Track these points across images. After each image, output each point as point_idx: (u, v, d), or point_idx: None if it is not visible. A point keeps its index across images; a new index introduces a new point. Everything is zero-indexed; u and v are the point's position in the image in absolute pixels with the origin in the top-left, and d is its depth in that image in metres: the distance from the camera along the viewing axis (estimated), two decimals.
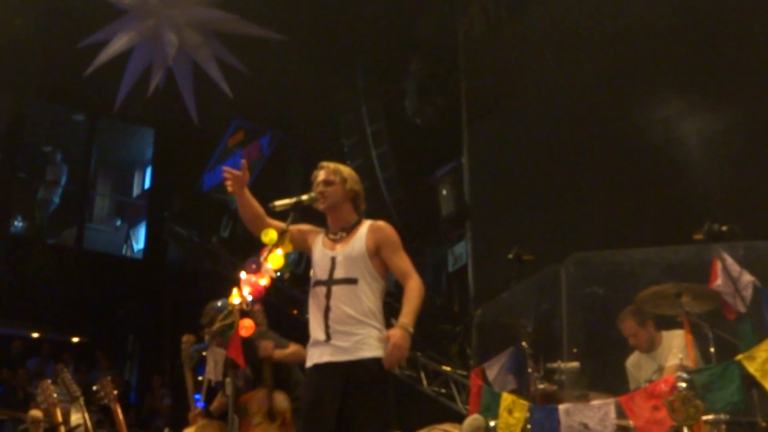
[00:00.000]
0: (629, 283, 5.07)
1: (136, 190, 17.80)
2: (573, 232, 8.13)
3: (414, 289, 3.96)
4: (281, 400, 5.33)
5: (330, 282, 4.00)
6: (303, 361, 4.27)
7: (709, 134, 7.75)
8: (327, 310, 3.95)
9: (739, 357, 4.19)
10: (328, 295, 3.97)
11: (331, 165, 4.20)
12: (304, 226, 4.23)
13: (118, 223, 17.15)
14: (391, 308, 4.12)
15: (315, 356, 3.98)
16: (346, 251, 4.03)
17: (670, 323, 5.06)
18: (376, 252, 4.04)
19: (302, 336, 4.33)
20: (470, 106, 10.70)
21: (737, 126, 7.59)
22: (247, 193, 4.15)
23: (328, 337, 3.93)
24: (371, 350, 3.89)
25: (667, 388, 4.27)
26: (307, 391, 3.99)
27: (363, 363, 3.86)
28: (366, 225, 4.13)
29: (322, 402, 3.86)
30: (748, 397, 4.23)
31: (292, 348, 5.37)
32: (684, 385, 4.14)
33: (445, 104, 11.22)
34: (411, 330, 3.85)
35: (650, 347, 5.38)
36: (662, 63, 8.18)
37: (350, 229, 4.11)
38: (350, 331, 3.91)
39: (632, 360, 5.51)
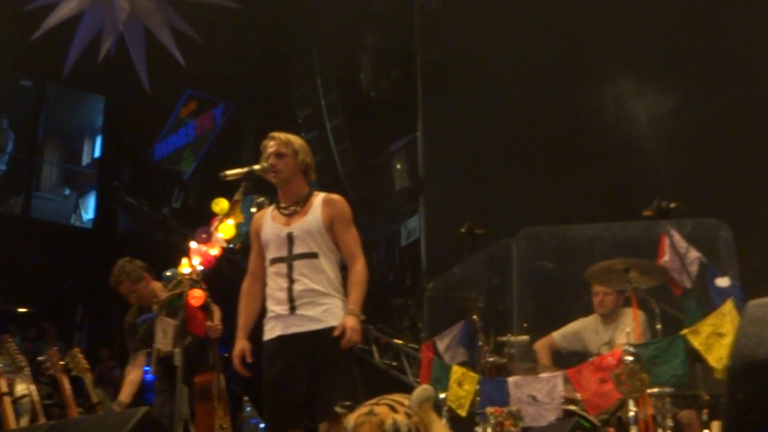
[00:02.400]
0: (579, 258, 5.11)
1: (85, 159, 17.46)
2: (525, 207, 8.20)
3: (359, 272, 3.98)
4: (222, 379, 5.28)
5: (290, 258, 3.97)
6: None
7: (659, 113, 7.87)
8: (291, 284, 3.94)
9: (685, 331, 4.26)
10: (290, 271, 3.94)
11: (282, 136, 4.13)
12: (253, 230, 4.19)
13: (67, 191, 16.85)
14: (344, 281, 4.12)
15: (278, 328, 3.95)
16: (303, 225, 4.00)
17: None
18: (331, 226, 4.02)
19: None
20: (425, 81, 10.69)
21: (686, 105, 7.73)
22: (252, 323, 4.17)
23: (293, 309, 3.91)
24: (337, 319, 3.90)
25: (615, 361, 4.33)
26: (272, 362, 3.94)
27: (331, 330, 3.87)
28: (320, 198, 4.09)
29: (293, 372, 3.86)
30: (692, 370, 4.31)
31: (217, 316, 5.23)
32: (630, 358, 4.19)
33: (401, 78, 11.20)
34: (361, 317, 3.93)
35: (610, 316, 5.39)
36: (615, 43, 8.27)
37: (303, 202, 4.07)
38: (316, 301, 3.91)
39: (589, 322, 5.49)
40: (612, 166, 7.93)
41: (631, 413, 4.13)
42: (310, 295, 3.91)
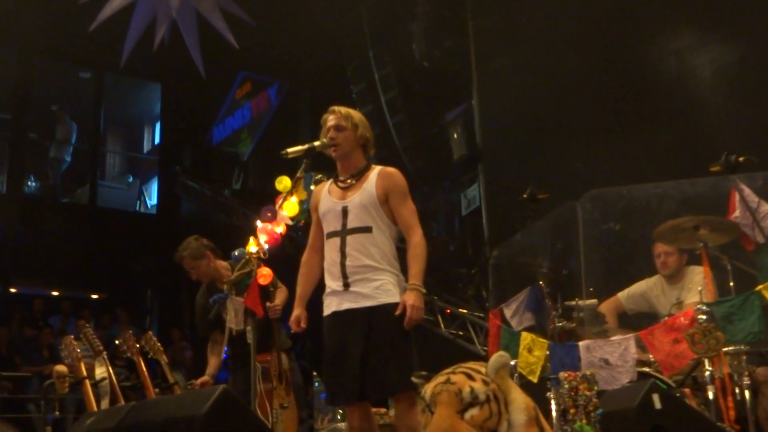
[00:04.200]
0: (647, 218, 5.02)
1: (146, 146, 17.79)
2: (587, 169, 8.08)
3: (418, 245, 3.93)
4: (284, 358, 5.30)
5: (344, 232, 3.96)
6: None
7: (723, 65, 7.65)
8: (343, 259, 3.93)
9: (760, 287, 4.17)
10: (343, 245, 3.94)
11: (343, 110, 4.12)
12: (312, 203, 4.20)
13: (130, 179, 17.19)
14: (403, 253, 4.09)
15: (333, 304, 3.97)
16: (357, 199, 3.98)
17: (697, 260, 4.97)
18: (386, 199, 4.00)
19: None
20: (479, 47, 10.56)
21: (750, 56, 7.49)
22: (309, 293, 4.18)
23: (347, 285, 3.92)
24: (391, 296, 3.87)
25: (687, 321, 4.26)
26: (329, 338, 3.98)
27: (384, 308, 3.85)
28: (375, 171, 4.07)
29: (346, 348, 3.86)
30: None
31: (280, 297, 5.22)
32: (704, 317, 4.12)
33: (454, 46, 11.08)
34: (423, 290, 3.87)
35: (675, 276, 5.26)
36: None
37: (359, 175, 4.06)
38: (369, 277, 3.89)
39: (655, 283, 5.37)
40: (676, 121, 7.73)
41: (707, 373, 4.07)
42: (363, 271, 3.90)
